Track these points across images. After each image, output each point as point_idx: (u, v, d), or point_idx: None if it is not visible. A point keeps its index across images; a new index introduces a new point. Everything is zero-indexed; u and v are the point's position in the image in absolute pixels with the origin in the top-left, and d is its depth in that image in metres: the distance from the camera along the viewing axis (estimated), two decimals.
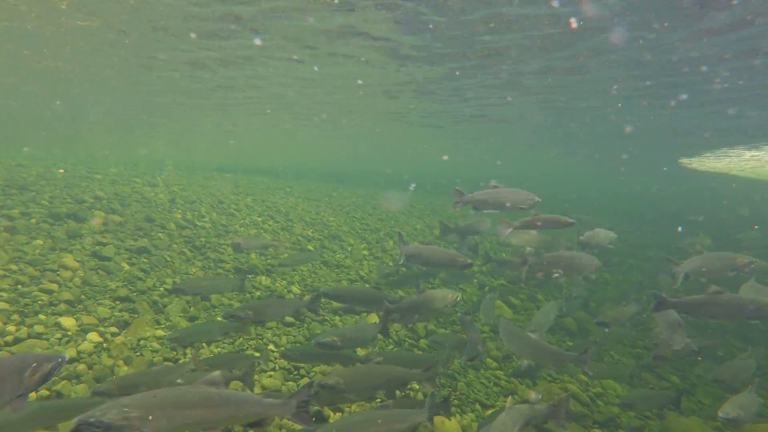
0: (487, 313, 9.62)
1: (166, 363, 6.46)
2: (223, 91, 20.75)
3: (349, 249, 13.63)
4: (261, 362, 6.70)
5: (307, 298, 9.73)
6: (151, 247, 10.14)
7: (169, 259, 9.92)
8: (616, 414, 7.78)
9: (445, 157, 45.50)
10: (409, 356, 7.46)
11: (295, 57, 14.37)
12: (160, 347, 6.84)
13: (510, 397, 5.60)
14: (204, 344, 6.98)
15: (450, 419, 6.49)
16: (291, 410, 3.52)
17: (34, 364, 2.83)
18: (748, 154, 31.63)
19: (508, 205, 6.83)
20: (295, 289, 10.01)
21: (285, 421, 5.55)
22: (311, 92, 19.99)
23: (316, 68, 15.51)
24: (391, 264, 12.71)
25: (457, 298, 6.45)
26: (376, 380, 4.99)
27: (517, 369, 8.31)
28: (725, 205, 35.77)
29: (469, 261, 6.64)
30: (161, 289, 8.51)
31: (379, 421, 4.26)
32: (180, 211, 13.19)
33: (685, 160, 40.09)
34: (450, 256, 6.68)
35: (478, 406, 7.36)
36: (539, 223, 7.10)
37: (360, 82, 17.46)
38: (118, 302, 7.71)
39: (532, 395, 6.81)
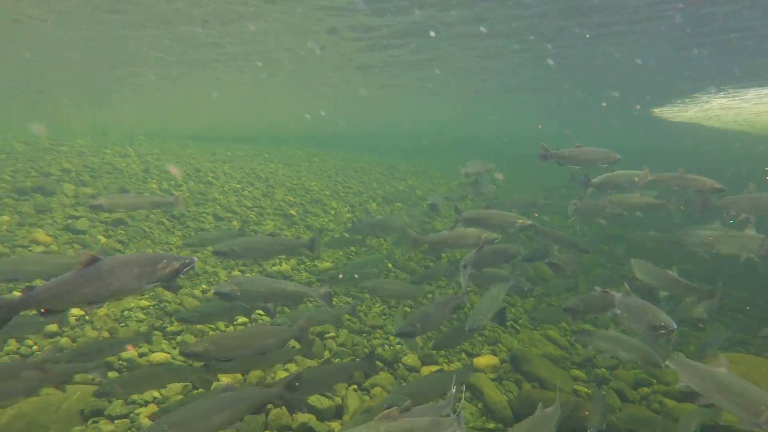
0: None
1: (154, 332, 6.28)
2: (195, 48, 19.76)
3: (333, 213, 13.42)
4: None
5: (292, 261, 9.58)
6: (127, 218, 9.76)
7: (147, 229, 9.59)
8: (592, 355, 8.21)
9: (415, 121, 44.95)
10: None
11: None
12: (145, 317, 6.66)
13: None
14: None
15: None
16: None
17: (166, 261, 3.45)
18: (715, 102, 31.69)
19: (590, 161, 7.38)
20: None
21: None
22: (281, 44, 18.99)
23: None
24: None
25: (492, 237, 6.32)
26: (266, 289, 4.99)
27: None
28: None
29: (529, 222, 6.63)
30: None
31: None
32: (155, 181, 12.73)
33: (656, 110, 40.15)
34: (510, 219, 6.71)
35: (463, 355, 7.58)
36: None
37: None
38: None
39: None
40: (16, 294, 5.18)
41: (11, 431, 4.40)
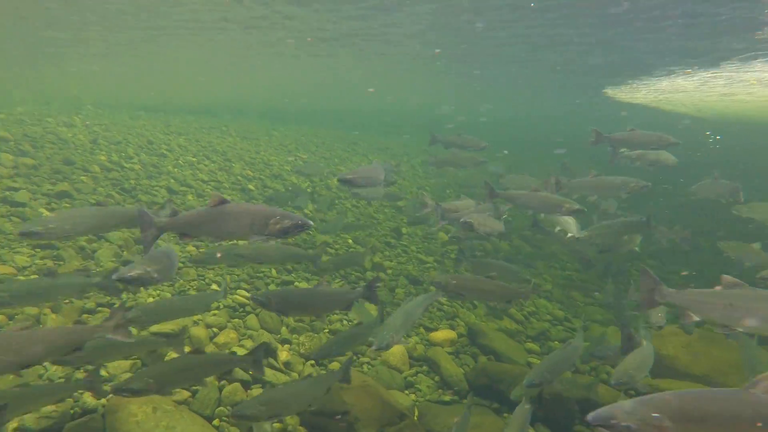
0: None
1: (99, 309, 6.04)
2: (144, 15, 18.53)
3: (292, 188, 13.19)
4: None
5: None
6: (73, 191, 9.25)
7: (95, 203, 9.13)
8: (546, 328, 8.60)
9: (371, 90, 44.03)
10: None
11: None
12: (90, 293, 6.37)
13: None
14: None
15: None
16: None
17: (279, 217, 3.64)
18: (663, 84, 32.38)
19: (644, 144, 7.34)
20: None
21: None
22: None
23: None
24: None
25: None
26: None
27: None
28: None
29: (576, 207, 6.36)
30: (89, 234, 7.84)
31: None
32: (104, 152, 12.09)
33: (609, 90, 40.79)
34: (557, 202, 6.56)
35: (422, 329, 7.69)
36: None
37: None
38: (38, 249, 7.04)
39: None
40: None
41: None
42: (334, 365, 6.16)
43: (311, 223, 3.81)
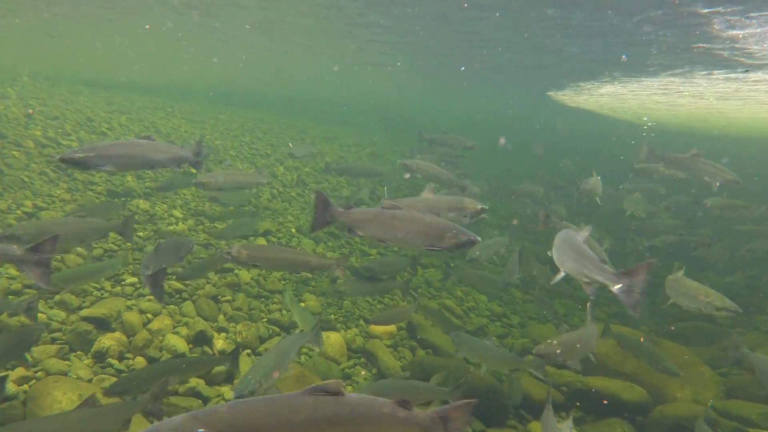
0: None
1: (26, 290, 6.15)
2: None
3: None
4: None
5: (189, 221, 9.64)
6: (3, 166, 9.16)
7: (27, 179, 9.08)
8: (485, 323, 9.16)
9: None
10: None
11: None
12: (18, 274, 6.41)
13: None
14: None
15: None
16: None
17: (455, 231, 3.90)
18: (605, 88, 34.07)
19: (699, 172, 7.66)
20: (177, 213, 9.81)
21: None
22: None
23: None
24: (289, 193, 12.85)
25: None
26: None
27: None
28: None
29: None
30: (18, 212, 7.88)
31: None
32: (39, 128, 11.84)
33: (552, 93, 42.59)
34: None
35: (362, 322, 7.96)
36: None
37: None
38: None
39: None
40: None
41: None
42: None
43: (479, 239, 4.02)
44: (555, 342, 5.31)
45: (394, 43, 24.32)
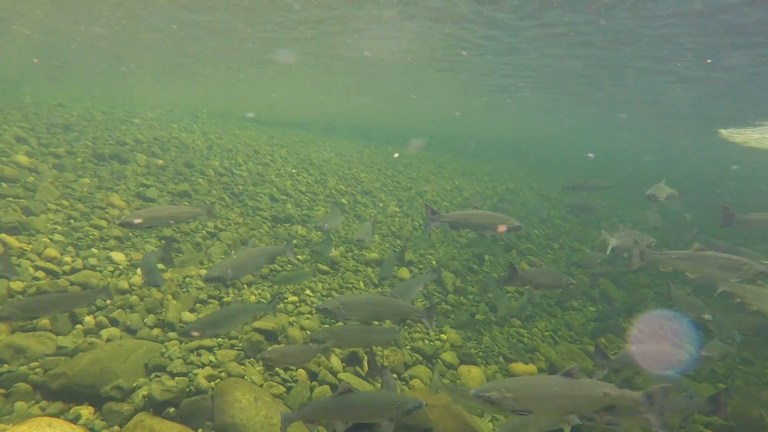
0: None
1: (210, 300, 6.72)
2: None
3: (381, 205, 13.67)
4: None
5: (341, 248, 9.89)
6: (191, 191, 10.35)
7: (208, 203, 10.11)
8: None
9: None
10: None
11: None
12: (204, 285, 7.09)
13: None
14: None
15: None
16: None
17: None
18: None
19: None
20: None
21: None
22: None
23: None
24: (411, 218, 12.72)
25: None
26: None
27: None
28: None
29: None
30: (204, 231, 8.75)
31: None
32: (217, 158, 13.36)
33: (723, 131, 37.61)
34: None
35: (501, 359, 7.77)
36: None
37: None
38: (163, 241, 7.97)
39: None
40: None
41: (88, 374, 4.85)
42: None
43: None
44: None
45: (560, 94, 24.09)
